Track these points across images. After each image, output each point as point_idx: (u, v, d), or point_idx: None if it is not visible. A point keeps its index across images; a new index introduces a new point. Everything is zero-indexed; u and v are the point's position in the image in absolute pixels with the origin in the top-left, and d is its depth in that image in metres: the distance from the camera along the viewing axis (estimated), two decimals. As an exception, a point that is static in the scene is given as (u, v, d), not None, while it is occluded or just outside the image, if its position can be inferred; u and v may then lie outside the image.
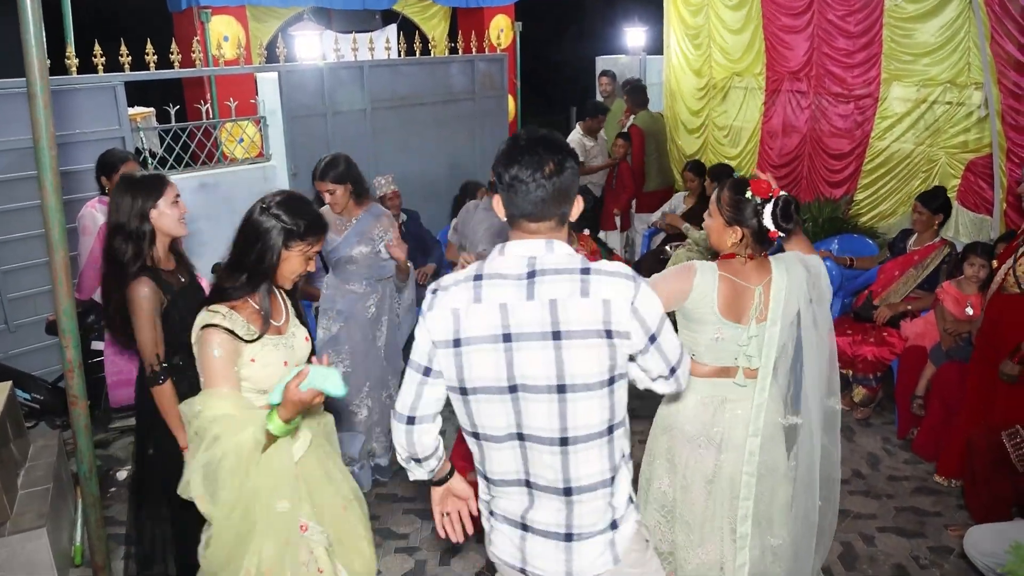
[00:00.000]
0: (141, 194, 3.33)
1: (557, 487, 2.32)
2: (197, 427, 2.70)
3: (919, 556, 4.36)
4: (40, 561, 3.86)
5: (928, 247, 5.79)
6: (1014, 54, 6.02)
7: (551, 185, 2.20)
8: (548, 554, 2.38)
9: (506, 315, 2.21)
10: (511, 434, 2.31)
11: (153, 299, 3.28)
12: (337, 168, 4.71)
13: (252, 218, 2.91)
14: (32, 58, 2.65)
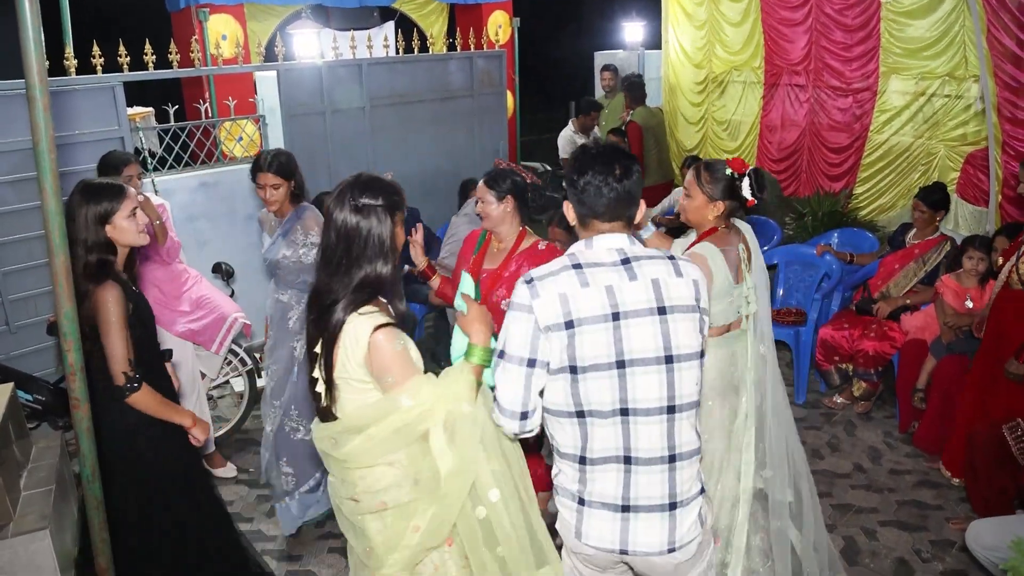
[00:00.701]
0: (97, 205, 3.24)
1: (663, 456, 2.46)
2: (407, 420, 2.57)
3: (921, 550, 4.37)
4: (43, 563, 3.85)
5: (928, 241, 5.79)
6: (1010, 47, 6.03)
7: (621, 188, 2.45)
8: (653, 529, 2.49)
9: (613, 296, 2.41)
10: (615, 410, 2.43)
11: (121, 305, 3.19)
12: (283, 162, 4.39)
13: (343, 217, 2.66)
14: (31, 61, 2.64)
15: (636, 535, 2.49)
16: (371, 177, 2.77)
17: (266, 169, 4.32)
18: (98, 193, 3.26)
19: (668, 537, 2.49)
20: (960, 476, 4.91)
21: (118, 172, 4.85)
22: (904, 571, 4.21)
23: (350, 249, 2.64)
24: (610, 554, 2.54)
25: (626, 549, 2.50)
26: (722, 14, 9.92)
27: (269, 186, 4.34)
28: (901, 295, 5.77)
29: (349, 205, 2.65)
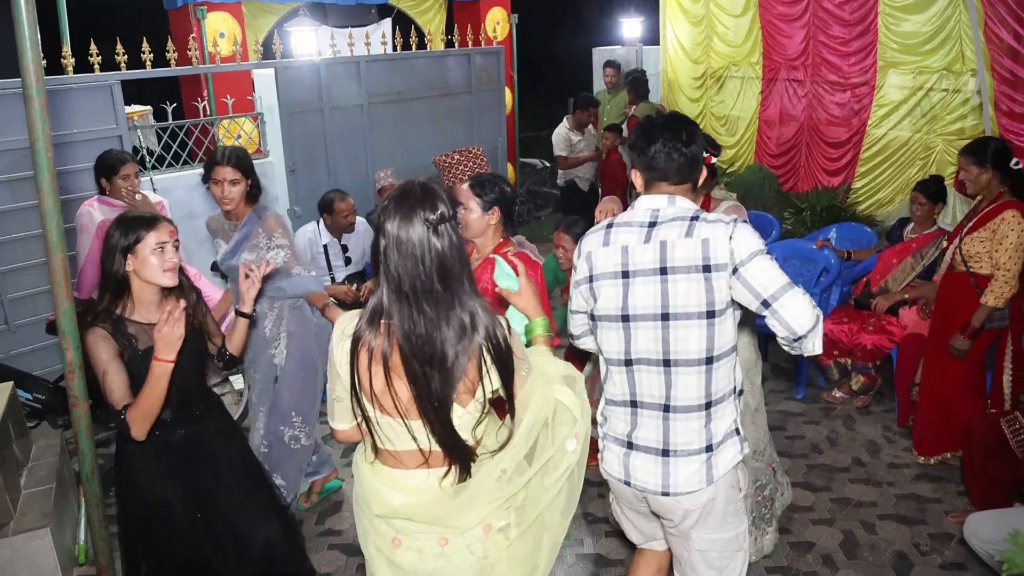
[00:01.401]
0: (124, 234, 3.00)
1: (659, 404, 2.70)
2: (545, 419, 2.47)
3: (920, 543, 4.37)
4: (44, 561, 3.87)
5: (925, 236, 5.79)
6: (1008, 41, 6.03)
7: (689, 152, 2.70)
8: (648, 468, 2.74)
9: (626, 255, 2.68)
10: (621, 359, 2.73)
11: (105, 350, 2.93)
12: (241, 156, 4.10)
13: (421, 236, 2.18)
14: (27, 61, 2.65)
15: (635, 471, 2.77)
16: (423, 185, 2.27)
17: (224, 162, 4.03)
18: (129, 221, 3.05)
19: (662, 481, 2.72)
20: (927, 454, 5.05)
21: (115, 171, 4.86)
22: (903, 564, 4.21)
23: (446, 276, 2.21)
24: (624, 485, 2.83)
25: (629, 481, 2.79)
26: (720, 7, 9.92)
27: (227, 181, 4.03)
28: (899, 289, 5.78)
29: (425, 225, 2.18)
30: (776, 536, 4.33)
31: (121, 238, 2.99)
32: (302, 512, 4.85)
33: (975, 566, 4.08)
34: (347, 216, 5.90)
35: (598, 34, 15.22)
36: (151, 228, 3.02)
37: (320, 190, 6.61)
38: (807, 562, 4.25)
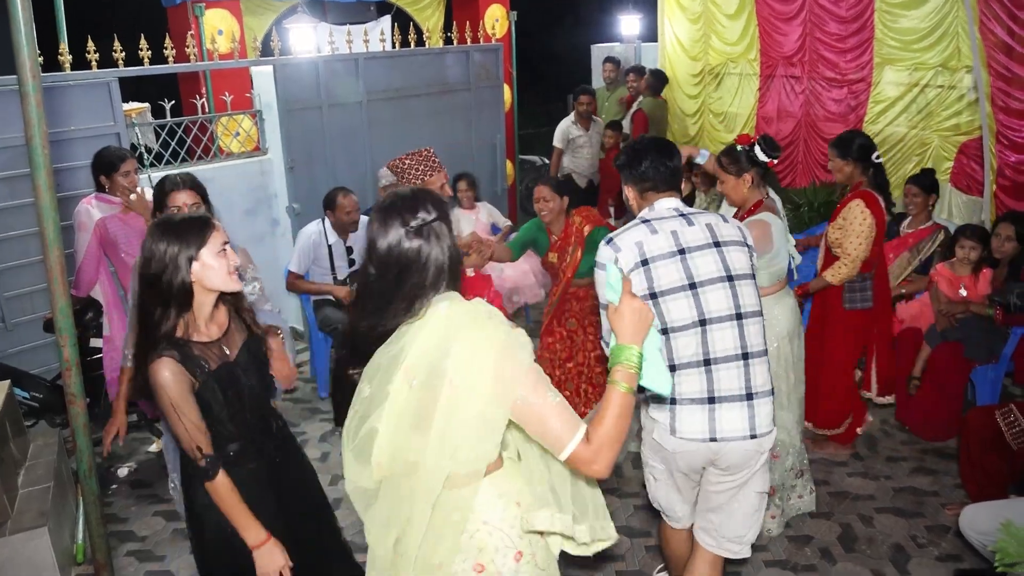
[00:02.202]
0: (180, 242, 2.67)
1: (737, 354, 3.05)
2: None
3: (917, 535, 4.39)
4: (42, 560, 3.87)
5: (922, 230, 5.81)
6: (1003, 37, 6.04)
7: (672, 165, 3.26)
8: (734, 415, 3.04)
9: (677, 237, 3.08)
10: (694, 322, 3.02)
11: (178, 383, 2.65)
12: (197, 180, 3.83)
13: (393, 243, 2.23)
14: (23, 57, 2.65)
15: (722, 423, 3.02)
16: (413, 191, 2.33)
17: (182, 186, 3.71)
18: (181, 226, 2.73)
19: (749, 424, 3.04)
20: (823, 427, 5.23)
21: (115, 168, 4.86)
22: (900, 557, 4.23)
23: (402, 279, 2.21)
24: (701, 446, 3.04)
25: (715, 436, 3.03)
26: (717, 6, 9.93)
27: (188, 207, 3.69)
28: (896, 284, 5.79)
29: (403, 229, 2.21)
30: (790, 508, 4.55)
31: (182, 245, 2.67)
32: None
33: (971, 558, 4.12)
34: (349, 213, 5.89)
35: (597, 31, 15.21)
36: (213, 228, 2.76)
37: (319, 188, 6.62)
38: (805, 555, 4.27)
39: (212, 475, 2.71)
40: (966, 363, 5.23)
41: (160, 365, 2.63)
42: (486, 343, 2.13)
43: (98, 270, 5.00)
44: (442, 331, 2.15)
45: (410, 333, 2.18)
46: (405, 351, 2.16)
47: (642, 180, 3.26)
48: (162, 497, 5.02)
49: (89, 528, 3.35)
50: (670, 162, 3.25)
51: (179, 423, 2.65)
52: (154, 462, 5.43)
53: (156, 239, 2.67)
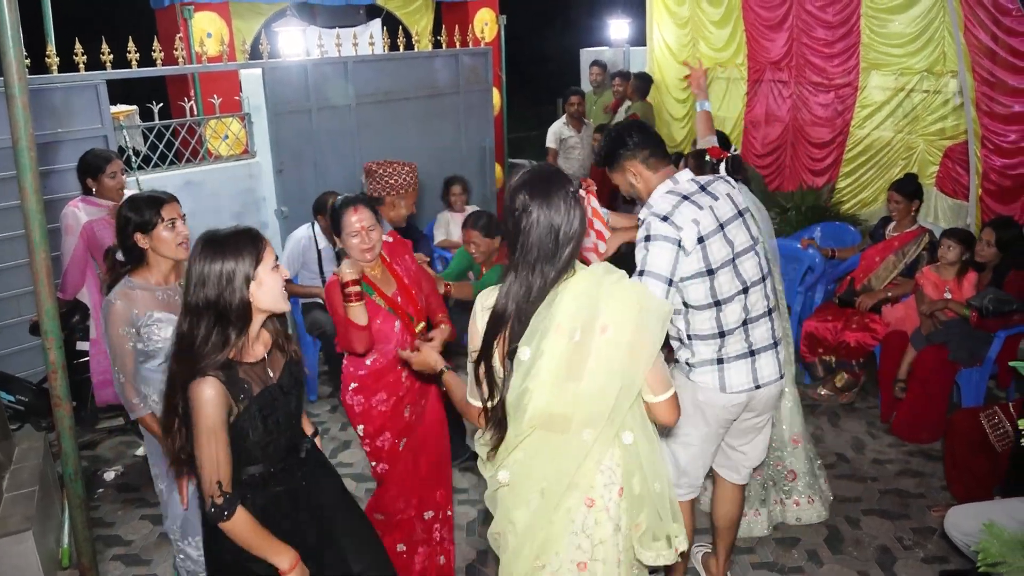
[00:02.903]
0: (235, 259, 2.51)
1: (766, 310, 3.44)
2: None
3: (903, 537, 4.41)
4: (27, 564, 3.85)
5: (907, 234, 5.85)
6: (987, 43, 6.09)
7: (655, 132, 3.54)
8: (768, 362, 3.44)
9: (714, 213, 3.28)
10: (740, 290, 3.32)
11: (219, 406, 2.49)
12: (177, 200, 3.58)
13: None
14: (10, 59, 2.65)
15: (761, 371, 3.41)
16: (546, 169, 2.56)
17: (171, 198, 3.50)
18: (233, 242, 2.55)
19: (777, 369, 3.47)
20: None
21: (101, 170, 4.86)
22: (887, 558, 4.25)
23: (562, 244, 2.43)
24: (744, 395, 3.40)
25: (759, 383, 3.41)
26: (704, 12, 9.97)
27: (181, 218, 3.50)
28: (882, 288, 5.82)
29: (568, 199, 2.44)
30: (779, 513, 4.58)
31: (239, 261, 2.52)
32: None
33: (957, 559, 4.14)
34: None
35: (586, 35, 15.26)
36: (263, 243, 2.61)
37: (308, 191, 6.63)
38: (792, 557, 4.29)
39: (229, 515, 2.53)
40: (951, 366, 5.26)
41: (204, 385, 2.48)
42: (631, 301, 2.45)
43: (84, 273, 4.99)
44: (593, 291, 2.43)
45: (560, 297, 2.42)
46: (557, 313, 2.40)
47: (642, 148, 3.40)
48: (149, 501, 5.01)
49: (75, 532, 3.35)
50: (650, 130, 3.52)
51: (211, 451, 2.49)
52: (141, 466, 5.40)
53: (208, 257, 2.50)
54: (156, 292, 3.45)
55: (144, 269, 3.46)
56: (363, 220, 3.56)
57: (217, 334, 2.51)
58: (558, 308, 2.40)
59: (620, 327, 2.40)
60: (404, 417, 3.90)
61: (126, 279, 3.44)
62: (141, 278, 3.45)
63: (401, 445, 3.91)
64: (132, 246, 3.41)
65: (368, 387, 3.79)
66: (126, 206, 3.41)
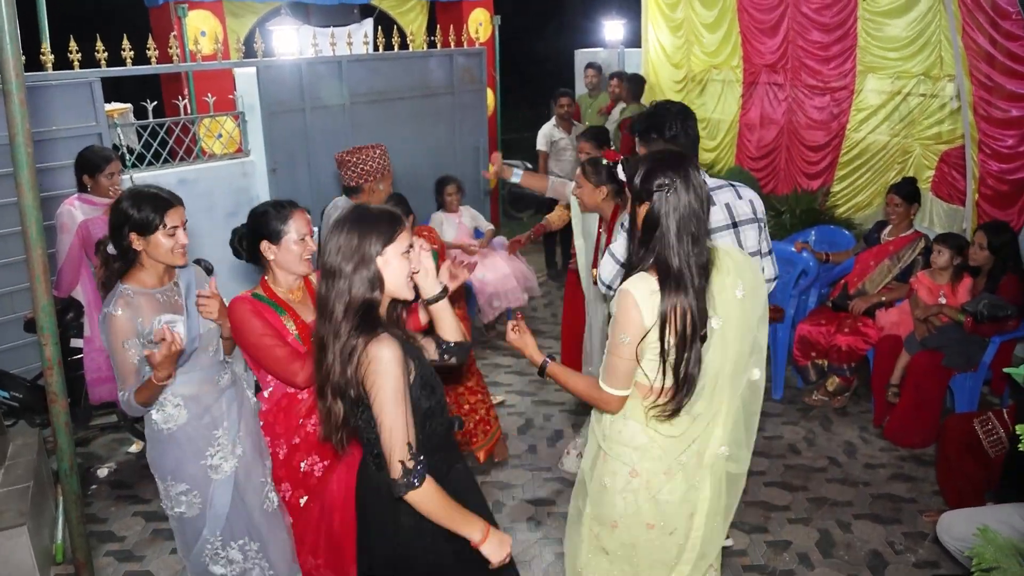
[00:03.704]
0: (369, 235, 2.45)
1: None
2: None
3: (894, 542, 4.42)
4: (21, 559, 3.87)
5: (902, 239, 5.85)
6: (985, 47, 6.09)
7: (696, 131, 3.56)
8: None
9: (730, 210, 3.50)
10: None
11: (402, 365, 2.38)
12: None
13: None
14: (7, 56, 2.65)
15: None
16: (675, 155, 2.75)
17: (179, 201, 3.26)
18: (372, 218, 2.50)
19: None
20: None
21: (99, 169, 4.86)
22: (878, 563, 4.26)
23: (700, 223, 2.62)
24: None
25: None
26: (697, 15, 9.98)
27: (183, 224, 3.26)
28: (876, 292, 5.83)
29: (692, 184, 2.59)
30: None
31: (378, 239, 2.46)
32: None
33: (948, 564, 4.14)
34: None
35: (581, 36, 15.26)
36: (400, 225, 2.52)
37: (302, 190, 6.63)
38: (784, 560, 4.29)
39: (419, 482, 2.37)
40: (945, 371, 5.27)
41: (382, 344, 2.35)
42: (760, 279, 2.85)
43: (79, 271, 4.98)
44: (728, 261, 2.73)
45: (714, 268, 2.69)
46: (716, 282, 2.68)
47: (672, 143, 3.41)
48: (142, 498, 5.00)
49: (70, 528, 3.35)
50: (694, 128, 3.48)
51: (399, 412, 2.35)
52: (134, 463, 5.40)
53: (352, 230, 2.45)
54: (156, 295, 3.21)
55: (138, 271, 3.21)
56: (307, 225, 3.39)
57: (362, 303, 2.42)
58: (715, 280, 2.67)
59: (752, 285, 2.77)
60: (299, 471, 3.47)
61: (121, 287, 3.16)
62: (137, 283, 3.19)
63: (302, 502, 3.52)
64: (126, 247, 3.14)
65: (270, 426, 3.48)
66: (127, 200, 3.12)
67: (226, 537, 3.45)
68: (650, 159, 2.67)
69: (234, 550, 3.48)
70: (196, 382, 3.32)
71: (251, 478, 3.46)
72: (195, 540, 3.42)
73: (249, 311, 3.26)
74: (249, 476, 3.45)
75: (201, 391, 3.33)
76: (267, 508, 3.54)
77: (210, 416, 3.35)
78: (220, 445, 3.36)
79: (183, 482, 3.32)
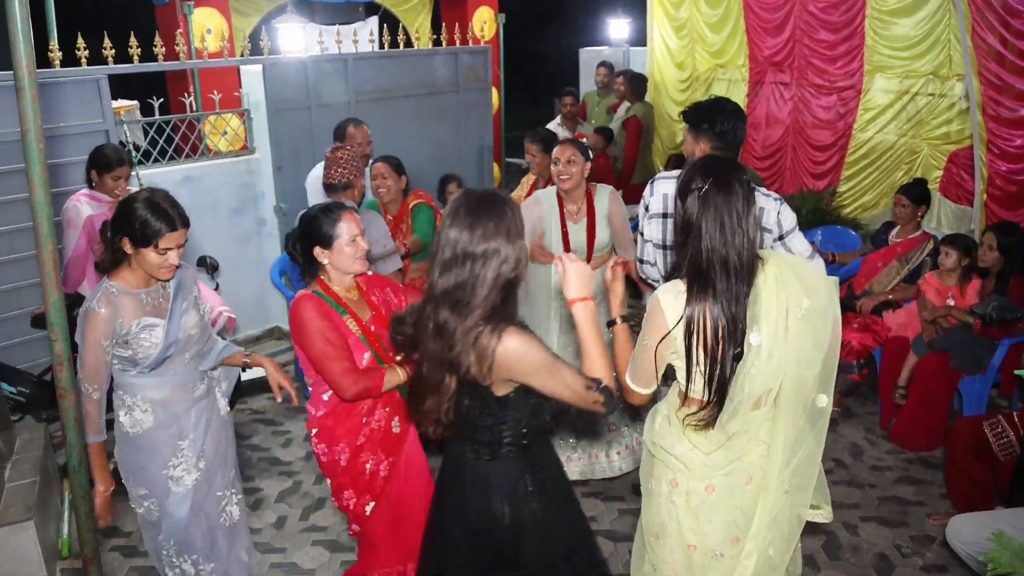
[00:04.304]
0: (505, 217, 2.49)
1: None
2: None
3: (901, 545, 4.41)
4: (27, 554, 3.87)
5: (911, 240, 5.83)
6: (995, 46, 6.08)
7: (743, 133, 3.72)
8: None
9: None
10: None
11: (539, 344, 2.49)
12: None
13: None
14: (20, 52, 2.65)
15: None
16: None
17: (181, 224, 3.14)
18: (503, 203, 2.53)
19: None
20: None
21: (110, 169, 4.86)
22: (885, 566, 4.25)
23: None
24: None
25: None
26: (702, 14, 9.96)
27: (182, 245, 3.18)
28: (883, 291, 5.82)
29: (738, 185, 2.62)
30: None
31: (514, 220, 2.51)
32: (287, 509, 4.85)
33: (956, 568, 4.14)
34: (363, 148, 5.77)
35: (585, 35, 15.24)
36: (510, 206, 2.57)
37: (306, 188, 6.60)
38: (790, 562, 4.27)
39: (602, 388, 2.46)
40: (953, 373, 5.25)
41: (513, 335, 2.45)
42: (816, 276, 2.73)
43: (86, 268, 4.97)
44: (786, 274, 2.63)
45: (761, 283, 2.61)
46: (762, 298, 2.59)
47: (720, 139, 3.58)
48: (147, 496, 5.00)
49: (78, 522, 3.35)
50: (743, 131, 3.67)
51: (563, 374, 2.44)
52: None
53: (469, 215, 2.48)
54: (140, 296, 3.18)
55: (126, 269, 3.18)
56: (358, 225, 3.37)
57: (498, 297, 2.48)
58: (763, 294, 2.58)
59: (823, 305, 2.63)
60: (365, 474, 3.44)
61: (107, 283, 3.16)
62: (122, 281, 3.17)
63: (368, 509, 3.50)
64: (117, 247, 3.14)
65: (328, 432, 3.41)
66: (137, 204, 3.05)
67: (180, 548, 3.49)
68: (696, 163, 2.74)
69: (187, 563, 3.53)
70: (168, 387, 3.33)
71: (211, 491, 3.51)
72: (152, 542, 3.53)
73: (315, 310, 3.25)
74: (210, 489, 3.50)
75: (172, 397, 3.35)
76: (224, 522, 3.59)
77: (177, 426, 3.37)
78: (184, 457, 3.39)
79: (143, 487, 3.40)
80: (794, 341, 2.58)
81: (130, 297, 3.16)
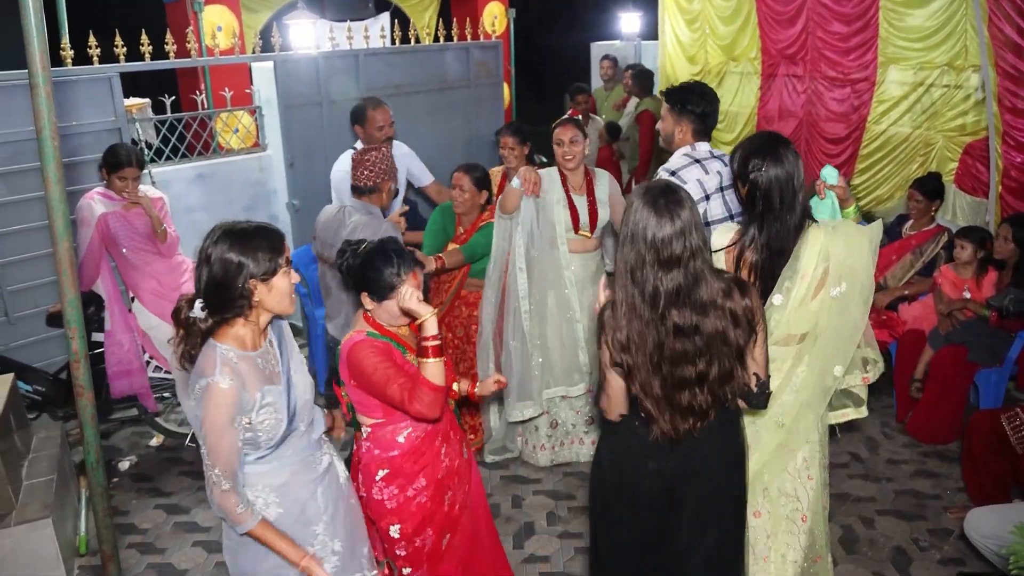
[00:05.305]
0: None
1: None
2: None
3: (919, 538, 4.39)
4: (45, 551, 3.88)
5: (925, 232, 5.80)
6: (1012, 36, 6.02)
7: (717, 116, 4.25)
8: None
9: (721, 178, 4.03)
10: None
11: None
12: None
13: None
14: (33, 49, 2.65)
15: None
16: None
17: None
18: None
19: None
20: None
21: (117, 168, 4.90)
22: (902, 559, 4.23)
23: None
24: None
25: None
26: (714, 7, 9.92)
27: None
28: (898, 286, 5.79)
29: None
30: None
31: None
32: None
33: (974, 562, 4.11)
34: (383, 129, 5.58)
35: (596, 29, 15.19)
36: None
37: (319, 184, 6.61)
38: (807, 557, 4.26)
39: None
40: (969, 366, 5.22)
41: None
42: (864, 244, 3.11)
43: (99, 266, 5.00)
44: (828, 242, 3.04)
45: (802, 249, 3.05)
46: (800, 263, 3.02)
47: (700, 121, 4.06)
48: (163, 491, 5.03)
49: (96, 520, 3.36)
50: (716, 115, 4.14)
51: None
52: (155, 456, 5.43)
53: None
54: (256, 360, 2.63)
55: (232, 327, 2.60)
56: (419, 285, 3.09)
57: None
58: (801, 259, 3.00)
59: (854, 272, 3.02)
60: (444, 506, 3.26)
61: (220, 348, 2.55)
62: (234, 341, 2.59)
63: (444, 543, 3.31)
64: (241, 293, 2.54)
65: (404, 472, 3.15)
66: (229, 245, 2.53)
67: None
68: (742, 145, 3.29)
69: None
70: (288, 469, 2.75)
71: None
72: None
73: (376, 354, 3.00)
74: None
75: (294, 481, 2.76)
76: None
77: (306, 515, 2.79)
78: (320, 543, 2.83)
79: None
80: (821, 318, 3.05)
81: (248, 362, 2.59)
